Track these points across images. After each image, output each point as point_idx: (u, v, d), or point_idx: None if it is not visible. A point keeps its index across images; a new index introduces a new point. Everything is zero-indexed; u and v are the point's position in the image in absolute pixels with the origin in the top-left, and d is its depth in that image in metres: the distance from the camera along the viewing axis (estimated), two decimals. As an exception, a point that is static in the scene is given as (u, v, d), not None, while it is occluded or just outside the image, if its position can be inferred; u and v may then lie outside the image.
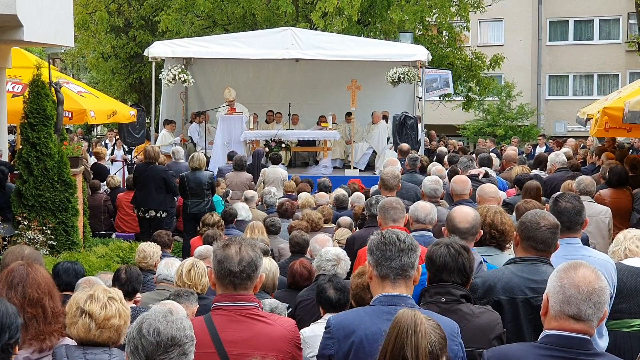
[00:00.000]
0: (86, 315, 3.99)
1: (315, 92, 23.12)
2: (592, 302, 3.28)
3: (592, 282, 3.30)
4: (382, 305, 3.81)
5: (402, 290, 3.84)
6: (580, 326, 3.29)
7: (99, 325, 3.98)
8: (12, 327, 3.49)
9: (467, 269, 4.37)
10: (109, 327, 4.00)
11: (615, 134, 13.90)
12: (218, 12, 26.42)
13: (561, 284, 3.33)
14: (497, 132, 34.20)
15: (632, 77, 34.38)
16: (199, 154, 13.83)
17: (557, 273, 3.39)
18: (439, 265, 4.38)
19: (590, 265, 3.44)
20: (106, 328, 3.99)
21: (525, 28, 38.38)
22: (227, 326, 3.87)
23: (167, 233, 9.74)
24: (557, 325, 3.33)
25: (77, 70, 39.48)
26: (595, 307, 3.29)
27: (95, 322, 3.98)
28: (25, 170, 10.62)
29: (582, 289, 3.28)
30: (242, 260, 3.87)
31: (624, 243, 5.66)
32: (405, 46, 21.52)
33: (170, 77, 18.98)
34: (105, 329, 3.99)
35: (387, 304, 3.80)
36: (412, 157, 12.31)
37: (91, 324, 3.97)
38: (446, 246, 4.42)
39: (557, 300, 3.32)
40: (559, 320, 3.32)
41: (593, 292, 3.29)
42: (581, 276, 3.32)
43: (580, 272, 3.33)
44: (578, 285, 3.29)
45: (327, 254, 6.68)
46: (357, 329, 3.80)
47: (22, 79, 13.55)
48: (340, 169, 20.71)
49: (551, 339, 3.33)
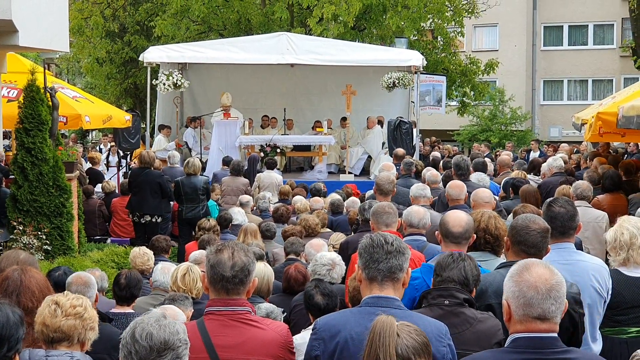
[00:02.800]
0: (54, 303, 4.11)
1: (310, 97, 23.17)
2: (553, 299, 3.30)
3: (548, 279, 3.33)
4: (368, 307, 3.84)
5: (390, 292, 3.86)
6: (547, 325, 3.31)
7: (65, 312, 4.06)
8: (12, 339, 3.44)
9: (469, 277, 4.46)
10: (74, 315, 4.07)
11: (610, 139, 13.95)
12: (213, 18, 26.43)
13: (519, 287, 3.34)
14: (490, 138, 34.21)
15: (626, 82, 34.43)
16: (194, 159, 13.83)
17: (511, 277, 3.40)
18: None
19: (541, 262, 3.47)
20: (71, 315, 4.06)
21: (520, 33, 38.46)
22: (219, 331, 3.87)
23: (165, 238, 9.70)
24: (523, 328, 3.34)
25: (72, 75, 39.45)
26: (556, 302, 3.31)
27: (61, 308, 4.08)
28: (20, 175, 10.61)
29: (540, 288, 3.30)
30: (235, 265, 3.87)
31: (631, 252, 5.44)
32: (400, 51, 21.59)
33: (170, 83, 18.98)
34: (70, 317, 4.06)
35: (374, 305, 3.82)
36: (407, 162, 12.33)
37: (57, 310, 4.07)
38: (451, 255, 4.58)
39: (519, 305, 3.33)
40: (525, 323, 3.33)
41: (552, 288, 3.31)
42: (536, 276, 3.33)
43: (534, 271, 3.35)
44: (536, 285, 3.31)
45: (322, 259, 6.70)
46: (343, 329, 3.83)
47: (17, 84, 13.56)
48: (335, 174, 20.74)
49: (520, 342, 3.34)
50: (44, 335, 4.09)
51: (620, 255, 5.44)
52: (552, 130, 37.81)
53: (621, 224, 5.56)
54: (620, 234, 5.46)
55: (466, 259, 4.60)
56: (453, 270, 4.52)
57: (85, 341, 4.13)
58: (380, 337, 3.25)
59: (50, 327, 4.04)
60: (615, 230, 5.53)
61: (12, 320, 3.46)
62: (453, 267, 4.54)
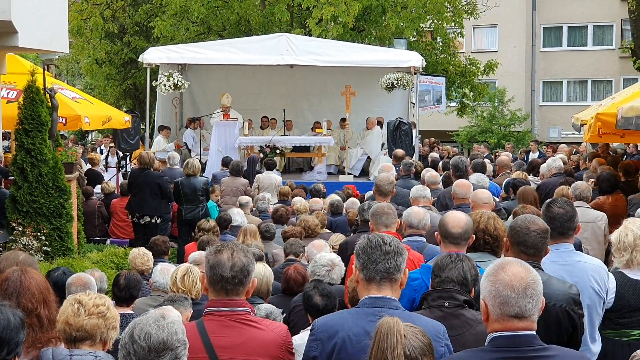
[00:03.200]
0: (76, 302, 4.12)
1: (309, 98, 23.18)
2: (530, 297, 3.31)
3: (523, 277, 3.34)
4: (366, 307, 3.86)
5: (388, 293, 3.87)
6: (524, 323, 3.32)
7: (88, 311, 4.08)
8: (12, 342, 3.43)
9: (467, 277, 4.46)
10: (97, 314, 4.09)
11: (609, 139, 13.94)
12: (213, 18, 26.44)
13: (495, 287, 3.35)
14: (489, 140, 34.22)
15: (625, 82, 34.45)
16: (194, 160, 13.83)
17: (487, 277, 3.41)
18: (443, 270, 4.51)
19: (516, 260, 3.48)
20: (94, 314, 4.08)
21: (519, 34, 38.47)
22: (218, 331, 3.87)
23: (164, 240, 9.67)
24: (500, 327, 3.35)
25: (71, 76, 39.47)
26: (533, 300, 3.32)
27: (84, 307, 4.09)
28: (19, 176, 10.61)
29: (516, 287, 3.32)
30: (234, 265, 3.88)
31: (635, 254, 5.40)
32: (400, 52, 21.57)
33: (170, 84, 18.98)
34: (93, 316, 4.08)
35: (371, 306, 3.84)
36: (406, 163, 12.34)
37: (80, 309, 4.08)
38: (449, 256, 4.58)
39: (496, 304, 3.34)
40: (502, 322, 3.34)
41: (527, 286, 3.32)
42: (512, 274, 3.35)
43: (510, 270, 3.37)
44: (511, 284, 3.32)
45: (321, 260, 6.71)
46: (341, 329, 3.84)
47: (16, 85, 13.55)
48: (334, 174, 20.74)
49: (499, 341, 3.35)
50: (66, 334, 4.10)
51: (624, 256, 5.43)
52: (552, 131, 37.82)
53: (626, 225, 5.56)
54: (625, 235, 5.45)
55: (464, 259, 4.60)
56: (452, 270, 4.53)
57: (107, 340, 4.14)
58: (387, 338, 3.25)
59: (73, 325, 4.06)
60: (620, 232, 5.52)
61: (13, 323, 3.45)
62: (451, 268, 4.54)
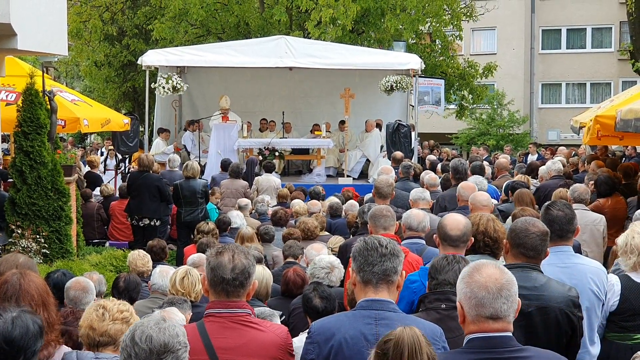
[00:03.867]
0: (101, 307, 4.21)
1: (308, 100, 23.17)
2: (504, 298, 3.33)
3: (498, 278, 3.36)
4: (362, 310, 3.86)
5: (385, 295, 3.88)
6: (499, 324, 3.34)
7: (112, 316, 4.17)
8: (29, 351, 3.42)
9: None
10: (121, 319, 4.18)
11: (608, 142, 13.97)
12: (212, 21, 26.45)
13: (470, 288, 3.37)
14: (487, 142, 34.22)
15: (624, 85, 34.49)
16: (193, 163, 13.83)
17: (462, 279, 3.43)
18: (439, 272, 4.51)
19: (490, 262, 3.52)
20: (118, 320, 4.17)
21: (518, 36, 38.52)
22: (219, 333, 3.88)
23: (161, 247, 9.63)
24: (476, 328, 3.36)
25: (70, 79, 39.46)
26: (508, 301, 3.34)
27: (109, 312, 4.18)
28: (18, 179, 10.61)
29: (490, 288, 3.33)
30: (235, 267, 3.89)
31: None
32: (399, 55, 21.59)
33: (169, 86, 18.99)
34: (117, 321, 4.16)
35: (368, 308, 3.85)
36: (405, 165, 12.34)
37: (105, 314, 4.17)
38: (445, 257, 4.58)
39: (471, 305, 3.36)
40: (478, 324, 3.36)
41: (502, 287, 3.34)
42: (486, 276, 3.36)
43: (484, 272, 3.38)
44: (486, 285, 3.34)
45: (320, 262, 6.71)
46: (337, 332, 3.85)
47: (15, 87, 13.54)
48: (333, 177, 20.74)
49: (475, 342, 3.36)
50: (89, 339, 4.16)
51: (630, 259, 5.43)
52: (551, 134, 37.85)
53: (633, 228, 5.58)
54: (631, 237, 5.46)
55: (460, 261, 4.61)
56: (448, 273, 4.54)
57: None
58: (411, 351, 3.13)
59: (97, 330, 4.11)
60: (626, 235, 5.53)
61: (32, 331, 3.44)
62: (448, 270, 4.55)
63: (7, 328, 3.36)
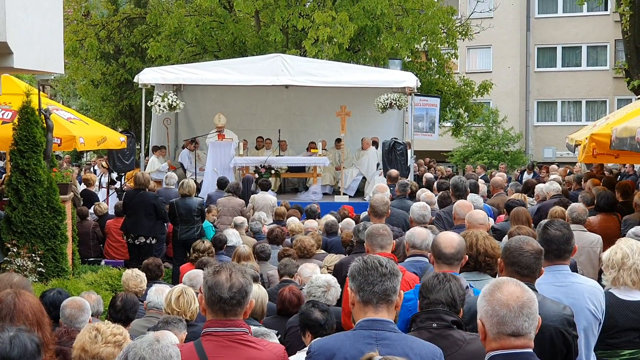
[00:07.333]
0: (94, 329, 4.21)
1: (304, 118, 23.21)
2: (526, 316, 3.35)
3: (519, 296, 3.37)
4: (363, 330, 3.84)
5: (384, 315, 3.87)
6: (521, 341, 3.35)
7: (105, 339, 4.17)
8: None
9: (456, 297, 4.45)
10: (113, 342, 4.17)
11: (603, 160, 13.97)
12: (208, 39, 26.49)
13: (491, 306, 3.38)
14: (480, 161, 34.21)
15: (619, 103, 34.62)
16: (189, 181, 13.83)
17: (483, 297, 3.44)
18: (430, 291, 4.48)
19: (512, 280, 3.50)
20: (110, 343, 4.16)
21: (514, 55, 38.67)
22: (217, 352, 3.87)
23: (157, 265, 9.58)
24: (498, 345, 3.37)
25: (66, 97, 39.46)
26: (529, 319, 3.36)
27: (102, 335, 4.18)
28: (14, 197, 10.60)
29: (512, 306, 3.35)
30: (233, 286, 3.89)
31: (622, 272, 5.33)
32: (395, 73, 21.65)
33: (165, 104, 19.01)
34: (109, 344, 4.16)
35: (368, 328, 3.83)
36: (402, 183, 12.35)
37: (98, 336, 4.17)
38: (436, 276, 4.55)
39: (493, 323, 3.37)
40: (499, 341, 3.37)
41: (523, 305, 3.35)
42: (507, 294, 3.38)
43: (505, 289, 3.40)
44: (507, 303, 3.35)
45: (317, 281, 6.69)
46: (338, 352, 3.82)
47: (11, 105, 13.52)
48: (330, 195, 20.74)
49: (498, 359, 3.37)
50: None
51: (611, 274, 5.41)
52: (546, 151, 37.93)
53: (618, 243, 5.56)
54: (614, 253, 5.44)
55: (451, 279, 4.59)
56: (440, 292, 4.52)
57: None
58: None
59: (89, 352, 4.09)
60: (610, 249, 5.52)
61: (30, 350, 3.39)
62: (439, 289, 4.54)
63: (5, 348, 3.34)
